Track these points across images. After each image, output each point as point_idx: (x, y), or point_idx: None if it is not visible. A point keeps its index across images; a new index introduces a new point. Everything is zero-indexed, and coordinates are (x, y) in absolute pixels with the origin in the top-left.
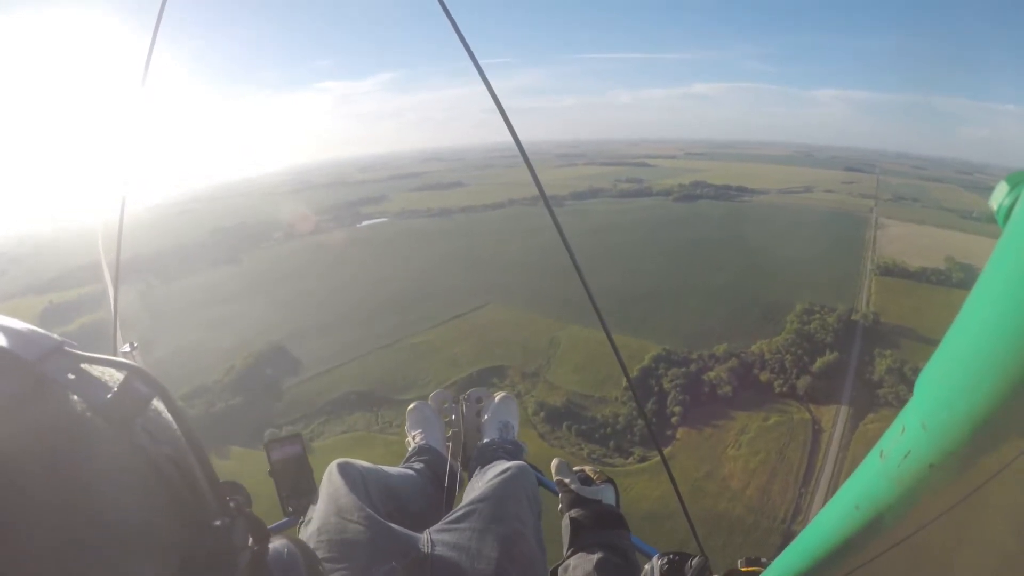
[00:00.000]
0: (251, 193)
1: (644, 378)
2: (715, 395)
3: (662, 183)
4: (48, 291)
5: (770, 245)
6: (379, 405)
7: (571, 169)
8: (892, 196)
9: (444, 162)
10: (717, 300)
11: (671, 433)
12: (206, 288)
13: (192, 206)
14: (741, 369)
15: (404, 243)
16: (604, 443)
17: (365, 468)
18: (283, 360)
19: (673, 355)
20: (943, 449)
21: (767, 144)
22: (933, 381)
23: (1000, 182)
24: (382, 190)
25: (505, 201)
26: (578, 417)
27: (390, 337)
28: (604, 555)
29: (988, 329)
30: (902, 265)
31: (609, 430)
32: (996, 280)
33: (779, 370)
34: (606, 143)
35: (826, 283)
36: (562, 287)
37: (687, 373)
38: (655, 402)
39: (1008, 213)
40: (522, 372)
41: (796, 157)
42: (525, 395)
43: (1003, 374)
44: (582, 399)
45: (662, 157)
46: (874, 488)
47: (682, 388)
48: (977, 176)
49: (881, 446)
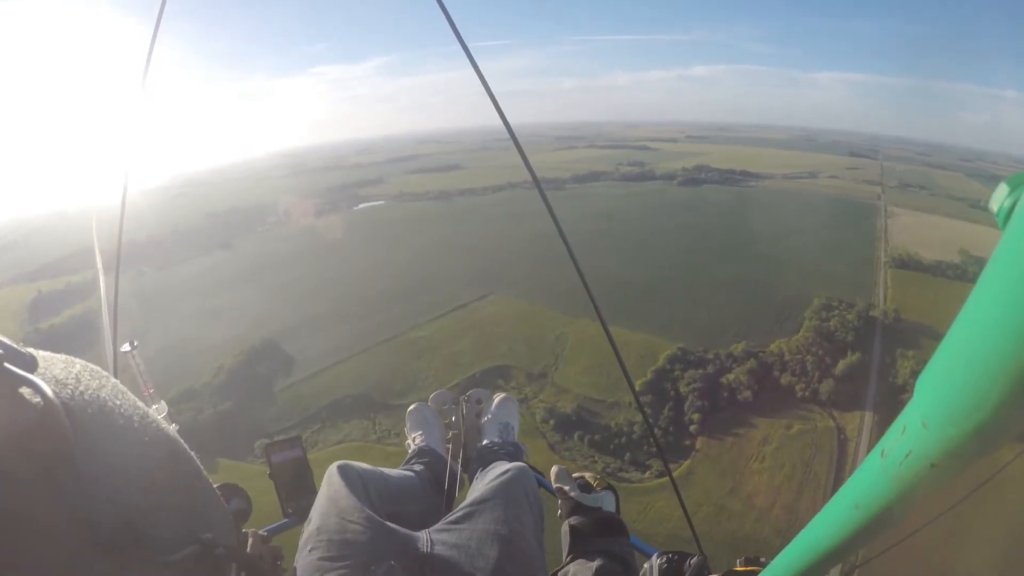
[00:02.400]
0: (246, 177)
1: (659, 381)
2: (735, 400)
3: (665, 167)
4: (38, 279)
5: (779, 233)
6: (376, 411)
7: (571, 152)
8: (898, 183)
9: (441, 144)
10: (729, 292)
11: (690, 443)
12: (197, 276)
13: (186, 190)
14: (760, 371)
15: (401, 227)
16: (619, 455)
17: (365, 470)
18: (275, 357)
19: (689, 355)
20: (944, 449)
21: (767, 127)
22: (934, 380)
23: (1000, 184)
24: (379, 173)
25: (505, 184)
26: (590, 425)
27: (388, 331)
28: (603, 562)
29: (989, 329)
30: (916, 257)
31: (624, 440)
32: (997, 280)
33: (800, 372)
34: (605, 125)
35: (840, 274)
36: (567, 277)
37: (704, 375)
38: (671, 408)
39: (1008, 215)
40: (528, 373)
41: (797, 141)
42: (532, 399)
43: (1004, 374)
44: (594, 404)
45: (663, 140)
46: (875, 488)
47: (699, 392)
48: (980, 163)
49: (882, 445)
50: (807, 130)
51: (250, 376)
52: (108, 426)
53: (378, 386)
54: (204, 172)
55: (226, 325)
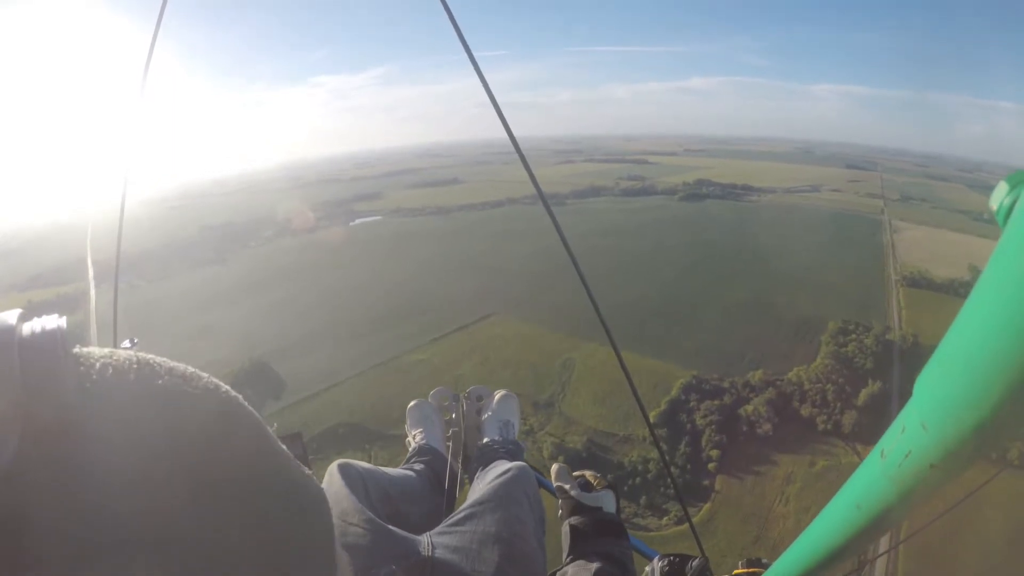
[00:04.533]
0: (243, 189)
1: (674, 412)
2: (754, 434)
3: (665, 181)
4: (29, 289)
5: (786, 250)
6: (372, 441)
7: (570, 166)
8: (900, 196)
9: (439, 158)
10: (741, 314)
11: (709, 484)
12: (189, 291)
13: (183, 202)
14: (779, 401)
15: (399, 243)
16: (634, 498)
17: (366, 469)
18: (266, 379)
19: (704, 383)
20: (944, 449)
21: (766, 140)
22: (933, 381)
23: (1000, 182)
24: (376, 187)
25: (504, 200)
26: (601, 463)
27: (385, 353)
28: (602, 565)
29: (988, 329)
30: (927, 275)
31: (639, 480)
32: (996, 280)
33: (821, 403)
34: (603, 139)
35: (851, 293)
36: (572, 297)
37: (722, 407)
38: (688, 444)
39: (1008, 213)
40: (534, 402)
41: (796, 154)
42: (539, 431)
43: (1003, 374)
44: (604, 438)
45: (662, 154)
46: (875, 488)
47: (717, 426)
48: (979, 174)
49: (882, 446)
50: (805, 142)
51: None
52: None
53: (374, 414)
54: (202, 183)
55: (216, 343)
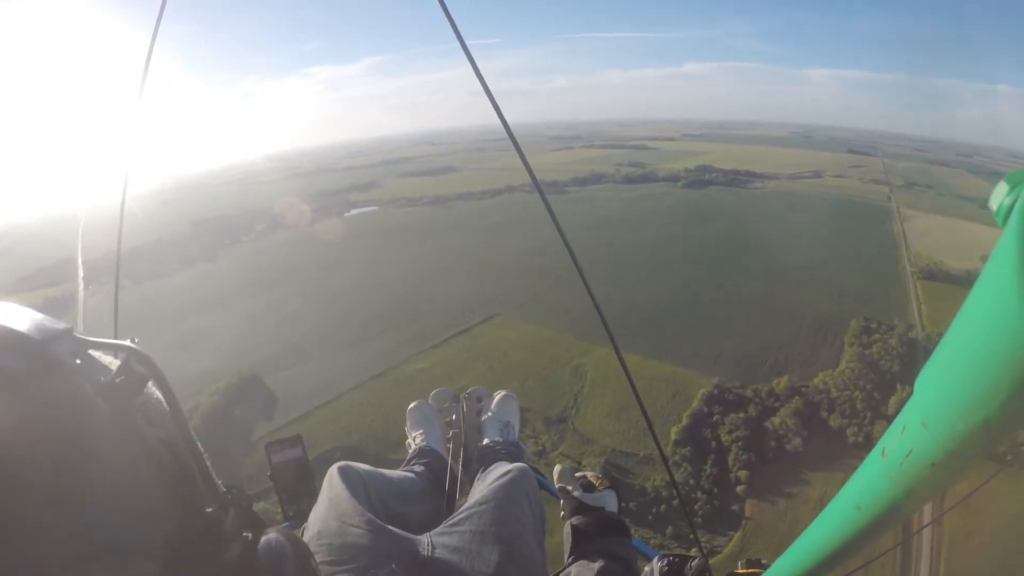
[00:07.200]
0: (237, 181)
1: (697, 427)
2: (783, 450)
3: (666, 167)
4: (17, 292)
5: (796, 242)
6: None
7: (568, 152)
8: (904, 182)
9: (435, 146)
10: (759, 312)
11: (738, 509)
12: (178, 293)
13: (177, 195)
14: (807, 411)
15: (396, 236)
16: (659, 528)
17: (366, 471)
18: (256, 396)
19: (727, 392)
20: (945, 448)
21: (763, 124)
22: (934, 379)
23: (1000, 182)
24: (371, 176)
25: (503, 187)
26: (621, 487)
27: (383, 362)
28: (605, 564)
29: (988, 328)
30: (943, 267)
31: (664, 507)
32: (996, 279)
33: (850, 413)
34: (600, 124)
35: (868, 288)
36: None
37: (747, 420)
38: (714, 464)
39: (1008, 213)
40: (545, 417)
41: (794, 139)
42: (551, 451)
43: (1004, 373)
44: (623, 459)
45: (660, 139)
46: (876, 488)
47: (744, 443)
48: (978, 159)
49: (883, 445)
50: (803, 127)
51: (226, 420)
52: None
53: (372, 436)
54: (196, 175)
55: (203, 352)
